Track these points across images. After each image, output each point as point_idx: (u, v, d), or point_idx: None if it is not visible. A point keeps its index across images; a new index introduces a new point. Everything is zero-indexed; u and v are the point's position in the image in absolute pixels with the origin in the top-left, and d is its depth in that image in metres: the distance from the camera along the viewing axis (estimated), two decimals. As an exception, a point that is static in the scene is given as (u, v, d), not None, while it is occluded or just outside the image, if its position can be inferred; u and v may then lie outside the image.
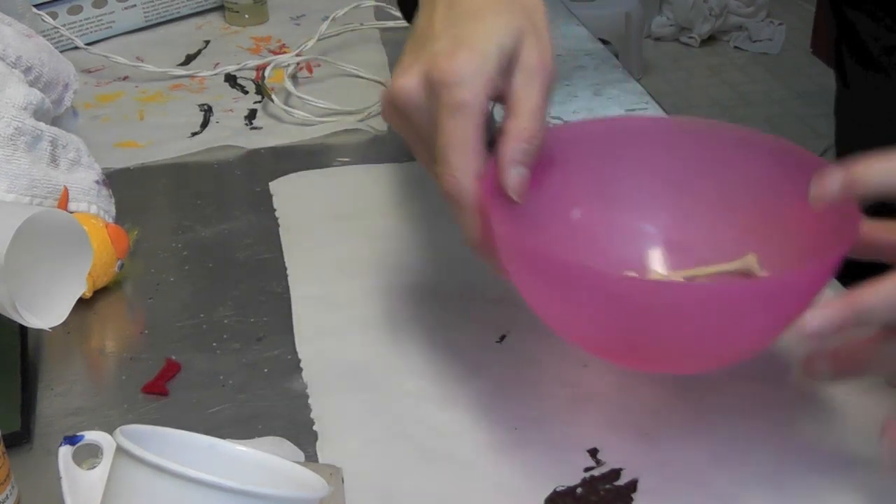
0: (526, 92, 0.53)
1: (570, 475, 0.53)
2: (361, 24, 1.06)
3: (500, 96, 0.54)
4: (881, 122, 0.86)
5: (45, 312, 0.59)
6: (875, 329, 0.49)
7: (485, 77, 0.52)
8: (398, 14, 1.07)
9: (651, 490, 0.52)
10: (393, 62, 0.99)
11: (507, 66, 0.53)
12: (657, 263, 0.61)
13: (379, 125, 0.88)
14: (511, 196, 0.53)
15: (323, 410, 0.57)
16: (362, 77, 0.96)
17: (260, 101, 0.93)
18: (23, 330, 0.61)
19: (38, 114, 0.72)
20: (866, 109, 0.89)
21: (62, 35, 0.99)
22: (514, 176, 0.53)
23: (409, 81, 0.54)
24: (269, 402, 0.58)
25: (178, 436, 0.45)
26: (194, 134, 0.88)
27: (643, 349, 0.52)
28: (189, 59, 1.02)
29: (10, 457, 0.50)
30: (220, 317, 0.65)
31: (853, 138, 0.94)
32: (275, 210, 0.76)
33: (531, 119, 0.53)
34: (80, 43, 0.99)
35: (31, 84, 0.74)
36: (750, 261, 0.58)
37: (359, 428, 0.56)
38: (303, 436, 0.55)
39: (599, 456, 0.54)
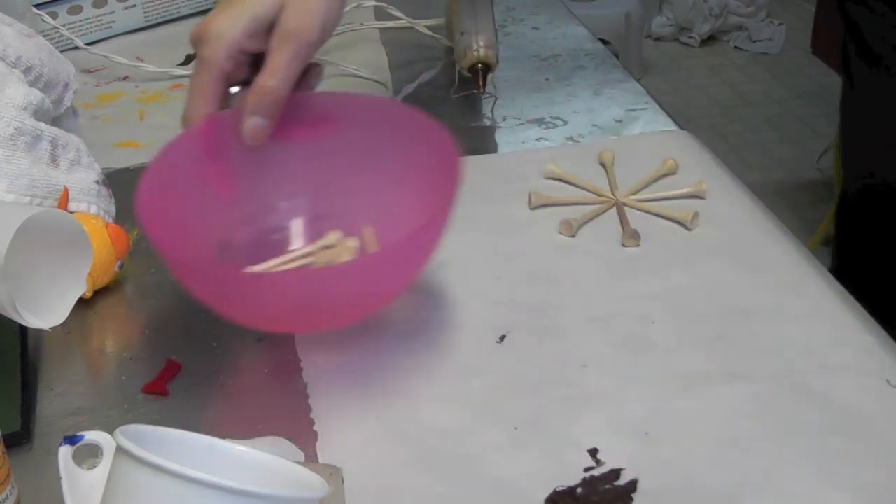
0: (274, 53, 0.61)
1: (570, 475, 0.53)
2: (361, 24, 1.06)
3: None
4: (887, 121, 0.87)
5: (45, 312, 0.59)
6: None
7: (227, 39, 0.61)
8: (398, 14, 1.07)
9: (651, 490, 0.52)
10: (393, 62, 0.99)
11: (262, 30, 0.62)
12: (297, 235, 0.68)
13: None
14: (246, 141, 0.62)
15: (323, 410, 0.57)
16: (362, 77, 0.96)
17: (260, 101, 0.92)
18: (23, 330, 0.61)
19: (38, 114, 0.72)
20: (872, 109, 0.89)
21: (62, 35, 0.99)
22: (247, 124, 0.62)
23: (192, 34, 0.64)
24: (269, 402, 0.58)
25: (178, 436, 0.45)
26: (194, 134, 0.88)
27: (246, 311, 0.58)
28: (189, 59, 1.02)
29: (10, 457, 0.50)
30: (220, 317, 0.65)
31: (859, 138, 0.94)
32: (275, 210, 0.76)
33: (271, 76, 0.61)
34: (80, 43, 0.99)
35: (31, 84, 0.75)
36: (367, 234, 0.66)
37: (359, 428, 0.56)
38: (303, 436, 0.55)
39: (599, 456, 0.54)
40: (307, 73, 0.66)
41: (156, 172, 0.61)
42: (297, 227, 0.68)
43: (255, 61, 0.63)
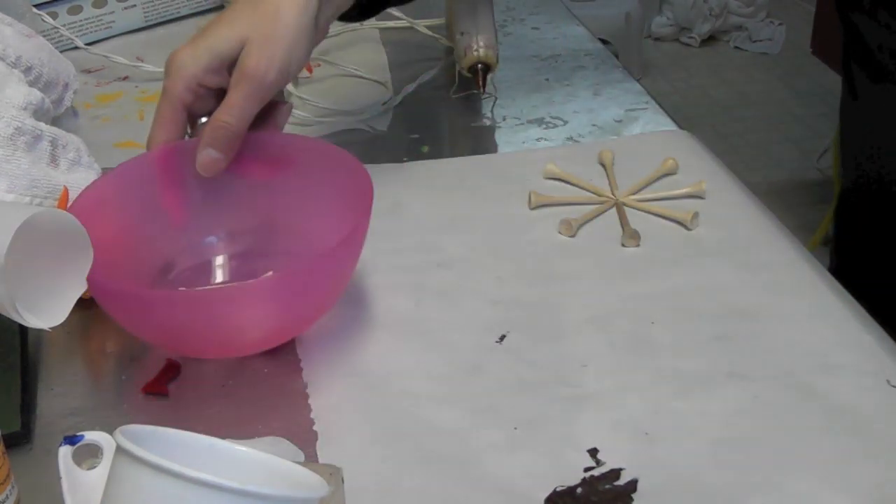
0: (232, 90, 0.63)
1: (570, 475, 0.53)
2: (361, 24, 1.06)
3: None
4: (887, 127, 0.87)
5: (45, 312, 0.59)
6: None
7: (186, 73, 0.63)
8: (398, 14, 1.07)
9: (651, 490, 0.52)
10: (393, 62, 0.99)
11: (223, 66, 0.64)
12: (222, 270, 0.68)
13: (379, 125, 0.88)
14: (200, 172, 0.64)
15: (323, 410, 0.57)
16: (362, 77, 0.96)
17: (260, 101, 0.92)
18: (23, 330, 0.61)
19: (38, 114, 0.72)
20: (872, 115, 0.90)
21: (62, 35, 0.99)
22: (201, 156, 0.63)
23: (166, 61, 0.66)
24: (269, 402, 0.58)
25: (178, 436, 0.45)
26: (194, 134, 0.88)
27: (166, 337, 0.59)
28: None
29: (10, 457, 0.50)
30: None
31: (858, 141, 0.94)
32: (274, 210, 0.76)
33: (227, 113, 0.63)
34: (80, 43, 0.99)
35: (31, 84, 0.75)
36: None
37: (359, 428, 0.56)
38: (303, 436, 0.55)
39: (599, 456, 0.54)
40: (275, 112, 0.67)
41: (97, 190, 0.63)
42: (235, 260, 0.68)
43: (223, 92, 0.64)
